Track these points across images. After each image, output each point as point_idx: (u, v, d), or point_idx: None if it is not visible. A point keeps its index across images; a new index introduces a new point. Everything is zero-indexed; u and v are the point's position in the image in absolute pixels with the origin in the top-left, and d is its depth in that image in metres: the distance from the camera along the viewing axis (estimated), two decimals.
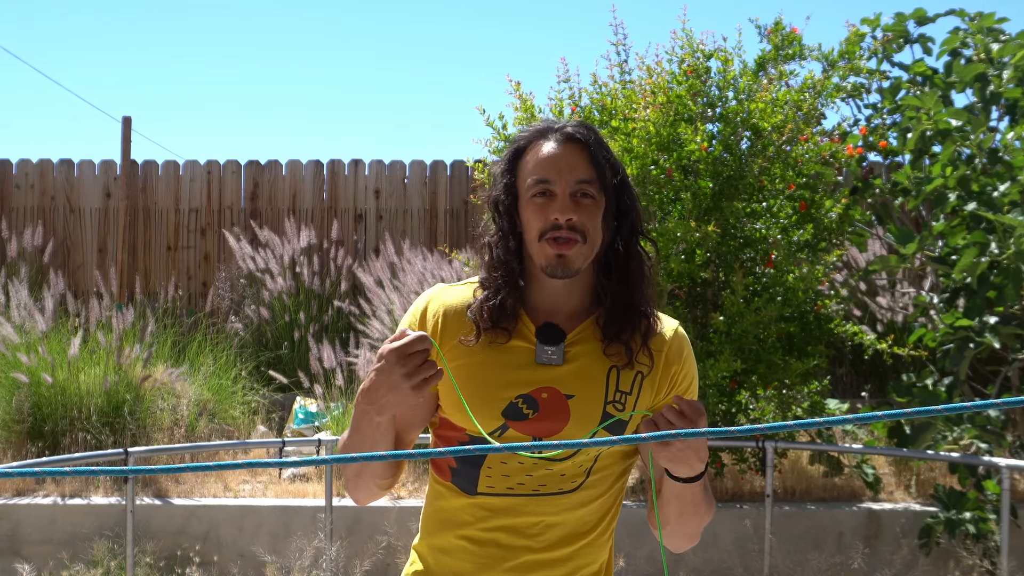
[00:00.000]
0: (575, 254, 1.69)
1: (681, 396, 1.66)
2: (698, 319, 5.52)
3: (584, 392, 1.71)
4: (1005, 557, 4.49)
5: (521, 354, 1.72)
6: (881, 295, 6.91)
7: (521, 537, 1.71)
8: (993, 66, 5.96)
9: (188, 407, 6.21)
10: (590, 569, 1.77)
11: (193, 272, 8.56)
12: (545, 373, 1.71)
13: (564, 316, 1.75)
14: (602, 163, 1.72)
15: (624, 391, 1.73)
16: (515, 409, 1.69)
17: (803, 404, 5.26)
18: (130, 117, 8.51)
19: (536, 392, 1.70)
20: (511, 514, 1.71)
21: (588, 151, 1.72)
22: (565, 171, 1.70)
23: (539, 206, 1.70)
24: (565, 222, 1.68)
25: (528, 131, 1.77)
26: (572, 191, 1.69)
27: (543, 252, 1.69)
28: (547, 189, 1.70)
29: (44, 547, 5.21)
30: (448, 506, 1.76)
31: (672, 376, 1.78)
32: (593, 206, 1.70)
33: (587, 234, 1.69)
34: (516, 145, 1.77)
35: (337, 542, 4.90)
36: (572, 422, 1.69)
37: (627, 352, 1.73)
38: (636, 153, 5.16)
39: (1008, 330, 5.14)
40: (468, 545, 1.73)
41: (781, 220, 5.31)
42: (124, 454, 4.55)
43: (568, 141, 1.72)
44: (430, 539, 1.79)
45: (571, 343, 1.74)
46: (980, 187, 5.44)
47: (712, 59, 5.47)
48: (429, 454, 1.19)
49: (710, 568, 5.18)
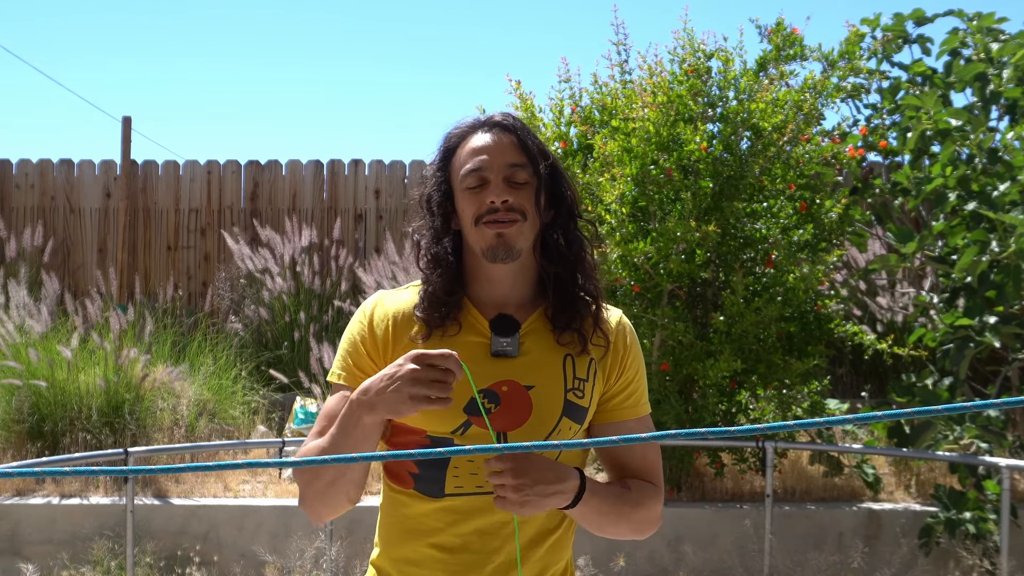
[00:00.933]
0: (515, 232, 1.68)
1: (493, 461, 1.59)
2: (698, 319, 5.52)
3: (543, 382, 1.70)
4: (1005, 557, 4.49)
5: (475, 348, 1.70)
6: (881, 295, 6.91)
7: (493, 539, 1.68)
8: (993, 66, 5.96)
9: (188, 407, 6.21)
10: (558, 567, 1.75)
11: (193, 272, 8.56)
12: (502, 366, 1.69)
13: (513, 307, 1.74)
14: (531, 148, 1.73)
15: (581, 378, 1.72)
16: (476, 404, 1.66)
17: (803, 404, 5.26)
18: (130, 117, 8.51)
19: (496, 385, 1.68)
20: (481, 515, 1.67)
21: (516, 137, 1.74)
22: (496, 156, 1.71)
23: (474, 194, 1.70)
24: (502, 204, 1.68)
25: (458, 128, 1.78)
26: (505, 175, 1.70)
27: (482, 236, 1.69)
28: (480, 177, 1.70)
29: (44, 547, 5.21)
30: (412, 514, 1.71)
31: (621, 362, 1.77)
32: (527, 188, 1.71)
33: (526, 213, 1.70)
34: (447, 143, 1.78)
35: (337, 542, 4.90)
36: (535, 413, 1.68)
37: (580, 339, 1.73)
38: (636, 153, 5.16)
39: (1008, 330, 5.14)
40: (438, 553, 1.68)
41: (781, 220, 5.31)
42: (124, 454, 4.55)
43: (496, 129, 1.74)
44: (393, 551, 1.74)
45: (524, 333, 1.73)
46: (980, 187, 5.44)
47: (713, 59, 5.47)
48: (430, 454, 1.19)
49: (710, 568, 5.18)
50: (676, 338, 5.22)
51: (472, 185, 1.71)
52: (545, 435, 1.68)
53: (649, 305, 5.36)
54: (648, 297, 5.34)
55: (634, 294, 5.27)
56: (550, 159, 1.76)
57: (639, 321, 5.32)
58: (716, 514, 5.29)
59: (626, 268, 5.15)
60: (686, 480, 5.56)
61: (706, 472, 5.63)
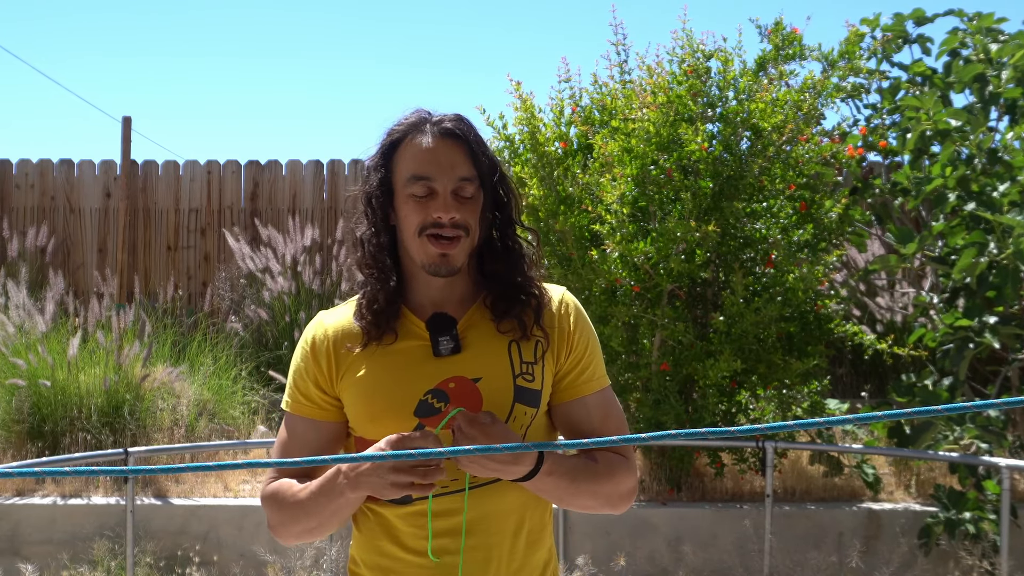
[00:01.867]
0: (458, 252, 1.68)
1: (464, 413, 1.60)
2: (698, 319, 5.52)
3: (490, 372, 1.69)
4: (1005, 557, 4.49)
5: (417, 351, 1.70)
6: (881, 295, 6.91)
7: (469, 536, 1.67)
8: (992, 66, 5.96)
9: (188, 407, 6.21)
10: (539, 556, 1.75)
11: (193, 272, 8.56)
12: (446, 364, 1.69)
13: (451, 305, 1.74)
14: (481, 159, 1.71)
15: (529, 361, 1.71)
16: (426, 406, 1.66)
17: (803, 404, 5.26)
18: (130, 117, 8.50)
19: (443, 384, 1.68)
20: (453, 514, 1.67)
21: (467, 147, 1.70)
22: (446, 168, 1.67)
23: (419, 202, 1.67)
24: (449, 220, 1.66)
25: (403, 123, 1.73)
26: (454, 188, 1.67)
27: (424, 249, 1.68)
28: (428, 188, 1.67)
29: (44, 547, 5.21)
30: (383, 520, 1.71)
31: (568, 339, 1.75)
32: (473, 203, 1.69)
33: (469, 229, 1.68)
34: (391, 138, 1.73)
35: (337, 542, 4.90)
36: (486, 404, 1.67)
37: (520, 325, 1.72)
38: (636, 153, 5.16)
39: (1008, 330, 5.15)
40: (412, 557, 1.69)
41: (781, 220, 5.31)
42: (124, 454, 4.55)
43: (447, 136, 1.69)
44: (368, 558, 1.74)
45: (464, 328, 1.72)
46: (980, 187, 5.44)
47: (712, 59, 5.47)
48: (430, 454, 1.19)
49: (710, 568, 5.18)
50: (676, 338, 5.22)
51: (419, 194, 1.68)
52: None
53: (649, 305, 5.36)
54: (648, 297, 5.34)
55: (634, 294, 5.28)
56: (498, 171, 1.74)
57: (639, 321, 5.32)
58: (716, 514, 5.29)
59: (626, 268, 5.15)
60: (686, 480, 5.56)
61: (706, 472, 5.63)
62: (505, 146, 5.66)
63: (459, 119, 1.72)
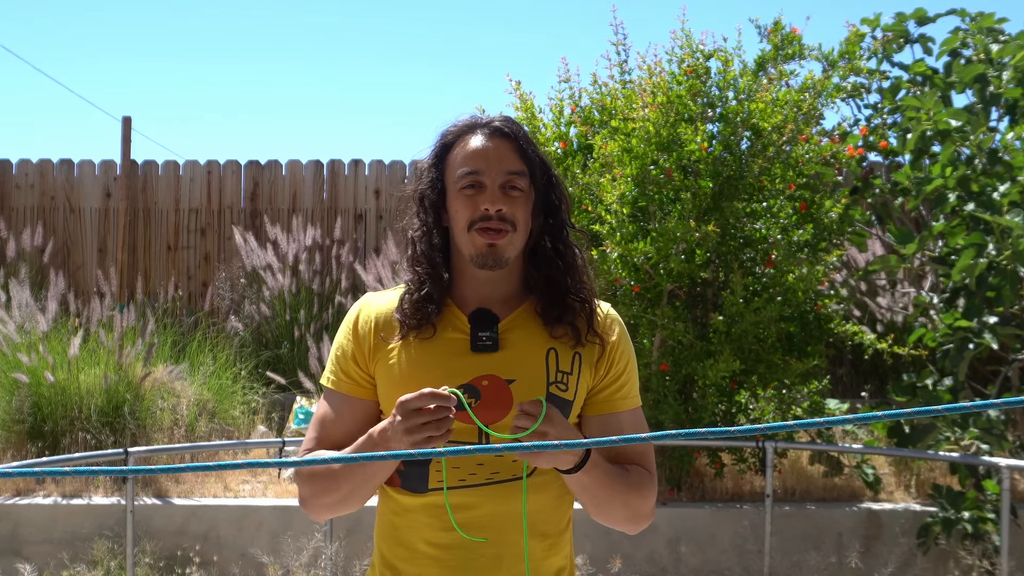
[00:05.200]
0: (506, 243, 1.69)
1: (527, 404, 1.60)
2: (698, 319, 5.52)
3: (525, 376, 1.70)
4: (1005, 557, 4.49)
5: (456, 344, 1.72)
6: (881, 295, 6.91)
7: (484, 532, 1.68)
8: (993, 67, 5.95)
9: (188, 407, 6.21)
10: (554, 562, 1.74)
11: (193, 272, 8.56)
12: (483, 360, 1.70)
13: (497, 304, 1.75)
14: (532, 158, 1.73)
15: (565, 371, 1.72)
16: (459, 400, 1.66)
17: (803, 404, 5.26)
18: (130, 117, 8.46)
19: (476, 380, 1.69)
20: (469, 509, 1.68)
21: (517, 145, 1.73)
22: (495, 162, 1.70)
23: (468, 197, 1.70)
24: (495, 212, 1.68)
25: (455, 126, 1.76)
26: (502, 182, 1.70)
27: (473, 242, 1.70)
28: (477, 181, 1.70)
29: (44, 547, 5.21)
30: (401, 510, 1.73)
31: (609, 355, 1.77)
32: (523, 198, 1.71)
33: (517, 224, 1.70)
34: (443, 140, 1.76)
35: (336, 542, 4.90)
36: (515, 407, 1.66)
37: (574, 332, 1.73)
38: (636, 153, 5.16)
39: (1007, 330, 5.15)
40: (430, 549, 1.69)
41: (781, 220, 5.31)
42: (124, 454, 4.55)
43: (497, 135, 1.73)
44: (388, 549, 1.75)
45: (507, 328, 1.73)
46: (980, 187, 5.44)
47: (712, 59, 5.47)
48: (441, 453, 1.19)
49: (709, 568, 5.18)
50: (676, 338, 5.22)
51: (467, 187, 1.70)
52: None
53: (649, 305, 5.35)
54: (648, 297, 5.34)
55: (634, 294, 5.27)
56: (549, 171, 1.76)
57: (639, 321, 5.32)
58: (715, 514, 5.29)
59: (626, 268, 5.15)
60: (686, 480, 5.56)
61: (706, 472, 5.63)
62: None
63: (508, 119, 1.76)
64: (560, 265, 1.76)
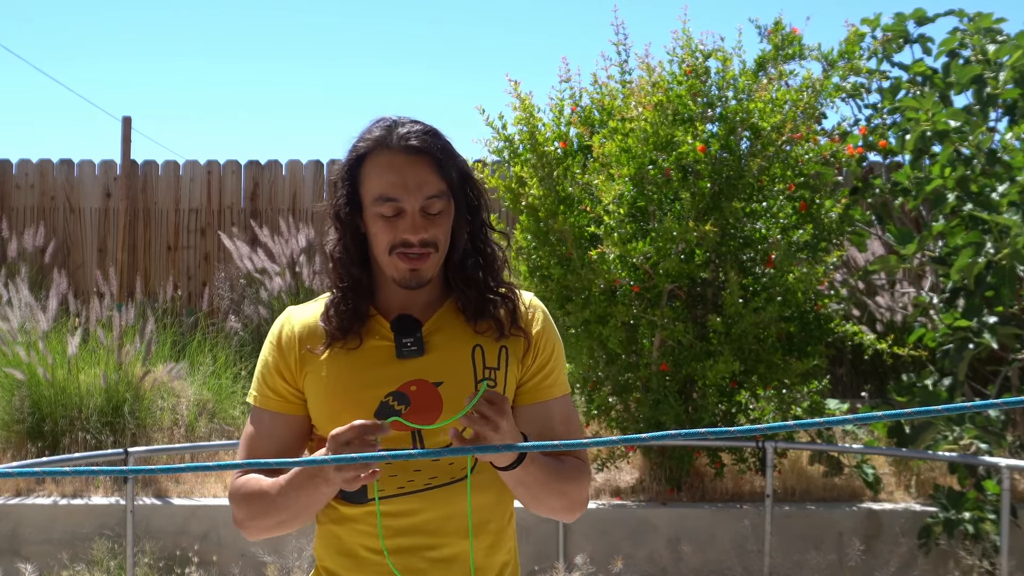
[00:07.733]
0: (428, 266, 1.68)
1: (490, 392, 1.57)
2: (697, 319, 5.52)
3: (453, 377, 1.69)
4: (1005, 557, 4.49)
5: (381, 352, 1.71)
6: (881, 295, 6.91)
7: (428, 536, 1.68)
8: (990, 67, 5.95)
9: (188, 407, 6.21)
10: (499, 558, 1.75)
11: (193, 272, 8.56)
12: (409, 366, 1.69)
13: (418, 308, 1.74)
14: (449, 171, 1.69)
15: (492, 367, 1.72)
16: (386, 408, 1.67)
17: (803, 404, 5.26)
18: (130, 117, 8.46)
19: (404, 387, 1.68)
20: (410, 515, 1.68)
21: (434, 160, 1.67)
22: (413, 188, 1.65)
23: (388, 221, 1.66)
24: (418, 240, 1.65)
25: (367, 139, 1.70)
26: (422, 206, 1.66)
27: (394, 265, 1.68)
28: (396, 208, 1.66)
29: (44, 547, 5.21)
30: (343, 520, 1.72)
31: (534, 344, 1.76)
32: (443, 217, 1.68)
33: (439, 244, 1.68)
34: (356, 153, 1.71)
35: None
36: (446, 408, 1.67)
37: (497, 325, 1.73)
38: (634, 153, 5.16)
39: (1006, 330, 5.15)
40: (375, 556, 1.69)
41: (781, 220, 5.31)
42: (124, 454, 4.56)
43: (412, 153, 1.67)
44: (333, 560, 1.75)
45: (430, 331, 1.73)
46: (979, 188, 5.44)
47: (711, 59, 5.47)
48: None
49: (709, 568, 5.18)
50: (676, 338, 5.22)
51: (387, 214, 1.67)
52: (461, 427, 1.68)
53: (648, 305, 5.35)
54: (647, 297, 5.34)
55: (633, 294, 5.27)
56: (467, 175, 1.74)
57: (638, 321, 5.32)
58: (715, 514, 5.29)
59: (625, 268, 5.15)
60: (686, 480, 5.56)
61: (706, 472, 5.63)
62: (505, 146, 5.66)
63: (425, 131, 1.69)
64: (479, 262, 1.76)
